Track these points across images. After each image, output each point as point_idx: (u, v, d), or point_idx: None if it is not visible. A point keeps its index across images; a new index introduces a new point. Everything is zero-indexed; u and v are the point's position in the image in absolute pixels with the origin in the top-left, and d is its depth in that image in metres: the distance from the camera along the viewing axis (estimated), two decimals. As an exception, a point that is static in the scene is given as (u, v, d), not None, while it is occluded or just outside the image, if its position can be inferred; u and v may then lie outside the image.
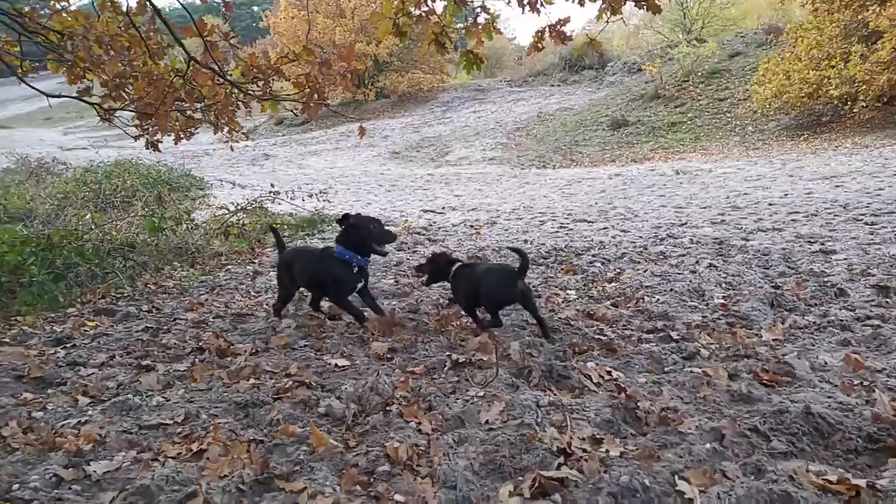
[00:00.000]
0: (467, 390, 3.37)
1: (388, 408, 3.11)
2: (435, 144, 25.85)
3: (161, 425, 3.03)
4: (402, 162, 23.77)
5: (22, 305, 5.78)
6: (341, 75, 6.31)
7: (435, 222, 10.33)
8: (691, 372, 3.55)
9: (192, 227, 9.00)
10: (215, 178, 18.49)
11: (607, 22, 5.13)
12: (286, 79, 6.26)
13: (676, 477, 2.43)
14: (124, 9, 6.42)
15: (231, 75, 6.21)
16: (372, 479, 2.48)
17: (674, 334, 4.22)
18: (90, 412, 3.18)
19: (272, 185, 10.78)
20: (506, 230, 9.31)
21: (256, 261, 7.64)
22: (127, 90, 7.25)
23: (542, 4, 5.59)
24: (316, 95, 6.12)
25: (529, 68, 38.50)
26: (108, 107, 7.49)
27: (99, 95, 7.62)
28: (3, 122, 37.89)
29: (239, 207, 9.91)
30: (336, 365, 3.80)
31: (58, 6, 7.86)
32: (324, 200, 11.46)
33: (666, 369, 3.68)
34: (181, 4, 5.91)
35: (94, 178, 14.48)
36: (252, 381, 3.57)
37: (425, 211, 11.89)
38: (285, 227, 9.75)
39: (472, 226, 9.65)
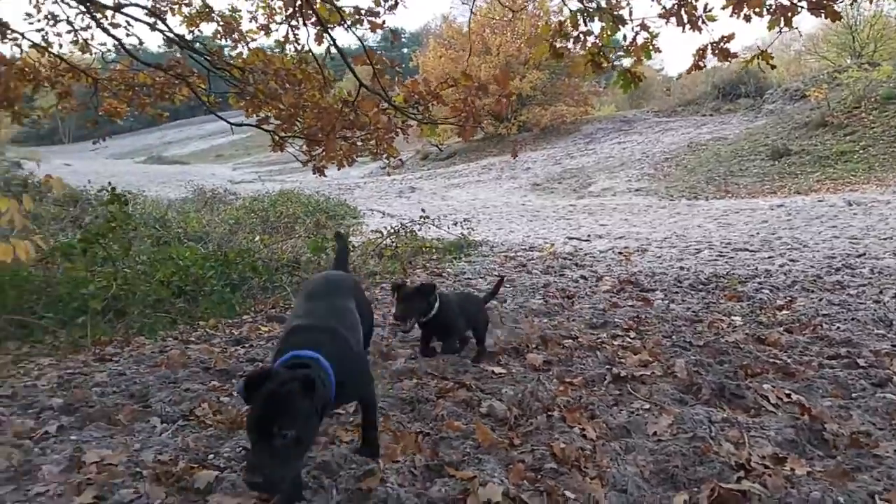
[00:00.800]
0: (631, 402, 3.27)
1: (549, 413, 3.09)
2: (577, 176, 25.63)
3: (334, 415, 3.21)
4: (544, 193, 23.77)
5: (204, 311, 6.40)
6: (496, 99, 6.49)
7: (581, 249, 10.19)
8: (884, 398, 3.21)
9: (350, 248, 9.56)
10: (366, 207, 19.49)
11: (780, 32, 4.88)
12: (444, 104, 6.53)
13: (877, 498, 2.20)
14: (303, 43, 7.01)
15: (394, 101, 6.57)
16: (539, 476, 2.46)
17: (860, 361, 3.84)
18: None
19: (423, 211, 11.18)
20: (658, 257, 8.99)
21: (408, 280, 7.92)
22: (299, 119, 7.89)
23: (703, 22, 5.44)
24: (472, 119, 6.34)
25: (679, 98, 37.24)
26: (281, 136, 8.20)
27: (273, 125, 8.36)
28: (183, 158, 42.52)
29: (391, 232, 10.38)
30: (493, 372, 3.83)
31: (238, 47, 8.75)
32: (468, 228, 11.73)
33: (853, 395, 3.35)
34: (357, 38, 6.36)
35: (261, 205, 15.84)
36: (415, 380, 3.69)
37: (570, 238, 11.77)
38: (433, 251, 10.08)
39: (620, 252, 9.42)
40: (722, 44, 5.56)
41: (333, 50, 6.59)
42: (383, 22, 6.65)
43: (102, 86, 8.77)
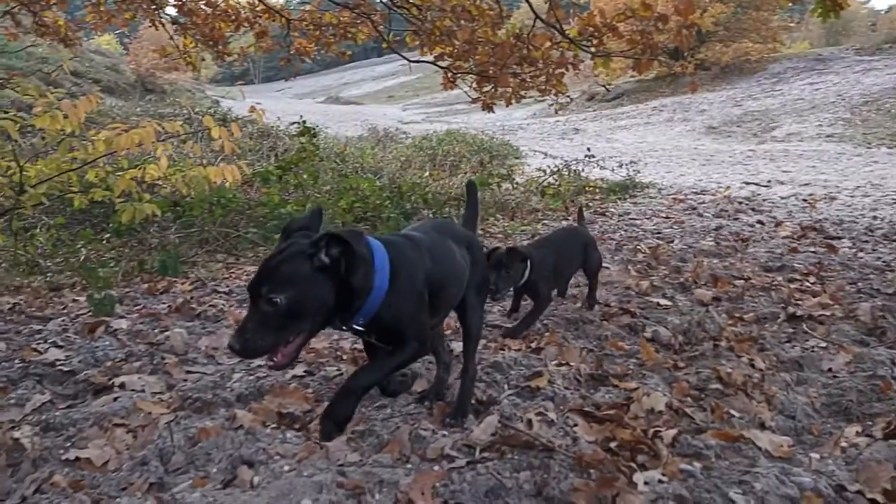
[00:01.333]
0: (806, 340, 3.19)
1: (716, 342, 3.11)
2: (759, 119, 23.62)
3: (503, 326, 3.46)
4: (720, 137, 22.23)
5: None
6: (677, 31, 6.22)
7: (759, 194, 9.57)
8: None
9: (513, 186, 9.76)
10: (529, 148, 19.47)
11: None
12: (620, 36, 6.37)
13: None
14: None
15: (568, 34, 6.51)
16: (704, 395, 2.54)
17: None
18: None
19: (588, 150, 11.03)
20: (847, 206, 8.25)
21: (570, 217, 7.97)
22: (472, 56, 8.04)
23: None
24: (649, 52, 6.13)
25: (886, 34, 32.64)
26: (455, 73, 8.42)
27: (447, 62, 8.60)
28: (357, 98, 44.66)
29: (554, 170, 10.40)
30: (658, 304, 3.87)
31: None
32: (634, 170, 11.40)
33: None
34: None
35: (429, 144, 16.43)
36: (578, 304, 3.85)
37: (747, 183, 11.06)
38: (597, 190, 9.99)
39: (805, 199, 8.74)
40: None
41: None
42: (561, -48, 6.55)
43: (294, 25, 9.47)
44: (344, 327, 2.07)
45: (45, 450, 2.14)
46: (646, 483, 1.87)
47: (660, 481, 1.88)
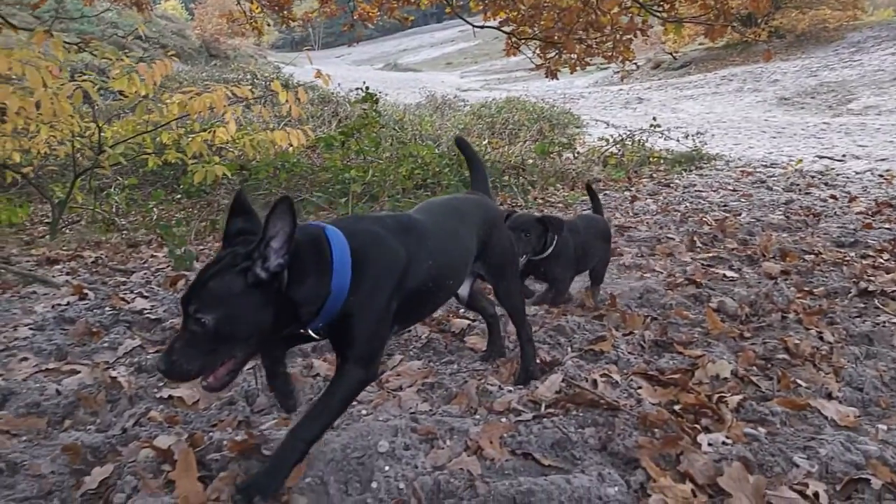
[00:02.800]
0: (877, 315, 3.12)
1: (784, 314, 3.07)
2: (836, 90, 22.49)
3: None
4: (792, 109, 21.30)
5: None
6: (753, -5, 5.99)
7: (832, 168, 9.20)
8: None
9: (574, 156, 9.66)
10: (590, 117, 19.13)
11: None
12: (693, 0, 6.18)
13: None
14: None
15: (639, -1, 6.37)
16: (770, 364, 2.53)
17: None
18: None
19: (653, 119, 10.78)
20: (929, 182, 7.86)
21: (633, 188, 7.87)
22: (537, 22, 7.93)
23: None
24: (723, 17, 5.94)
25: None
26: (519, 38, 8.33)
27: (511, 28, 8.50)
28: (415, 65, 44.52)
29: (617, 140, 10.23)
30: (724, 275, 3.83)
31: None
32: (700, 141, 11.09)
33: None
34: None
35: (488, 112, 16.33)
36: (641, 274, 3.85)
37: (820, 157, 10.63)
38: (661, 161, 9.79)
39: (881, 175, 8.37)
40: None
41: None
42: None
43: (358, -10, 9.50)
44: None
45: (140, 388, 2.32)
46: (710, 444, 1.91)
47: (724, 443, 1.91)
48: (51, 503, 1.69)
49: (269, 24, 12.33)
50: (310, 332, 1.74)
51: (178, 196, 7.91)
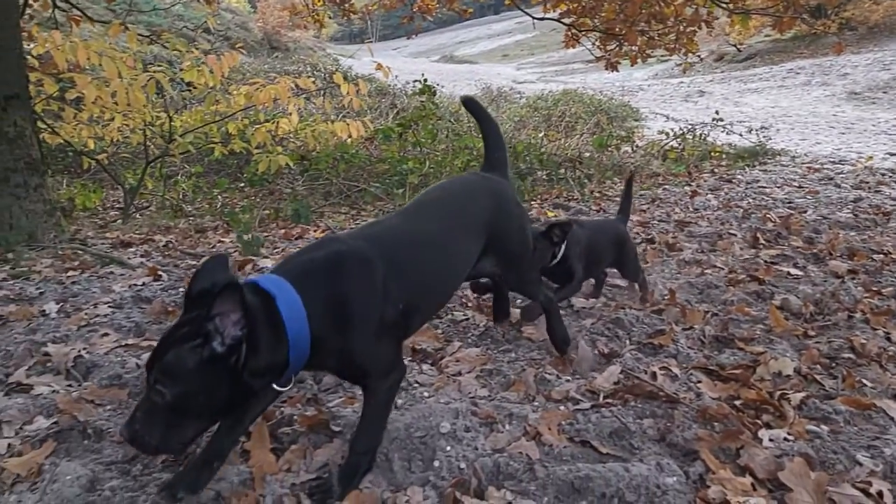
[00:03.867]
0: (954, 318, 3.01)
1: (851, 314, 3.00)
2: (911, 85, 21.43)
3: (622, 287, 3.50)
4: (863, 104, 20.40)
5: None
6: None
7: (906, 167, 8.82)
8: None
9: (632, 149, 9.53)
10: (649, 110, 18.79)
11: None
12: (761, -9, 6.03)
13: None
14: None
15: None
16: (835, 364, 2.49)
17: None
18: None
19: (716, 113, 10.52)
20: None
21: (693, 183, 7.72)
22: (598, 13, 7.85)
23: None
24: (792, 9, 5.77)
25: None
26: (579, 30, 8.25)
27: (571, 19, 8.43)
28: (471, 57, 44.46)
29: (677, 133, 10.04)
30: (788, 273, 3.75)
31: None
32: (764, 136, 10.76)
33: None
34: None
35: (544, 104, 16.21)
36: (701, 269, 3.80)
37: (892, 154, 10.19)
38: (723, 156, 9.57)
39: (960, 173, 7.97)
40: None
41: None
42: None
43: (419, -17, 9.57)
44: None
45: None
46: (771, 440, 1.90)
47: (785, 439, 1.90)
48: (134, 467, 1.81)
49: (329, 17, 12.53)
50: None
51: (242, 185, 8.16)
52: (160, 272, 3.68)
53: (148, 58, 11.38)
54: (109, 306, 3.10)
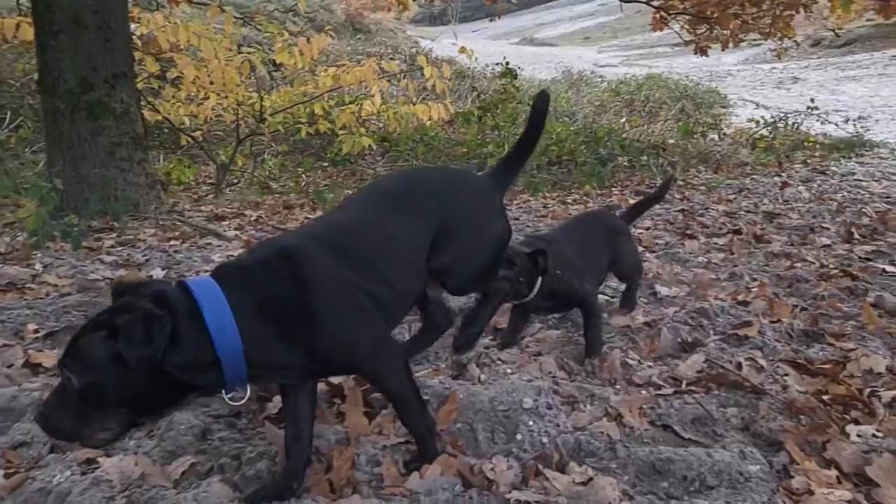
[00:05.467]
0: None
1: (954, 315, 2.86)
2: None
3: (708, 278, 3.45)
4: (978, 94, 18.95)
5: (576, 180, 7.00)
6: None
7: None
8: None
9: (720, 137, 9.24)
10: (738, 97, 18.08)
11: None
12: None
13: None
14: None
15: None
16: (934, 366, 2.40)
17: None
18: (647, 254, 3.84)
19: (811, 101, 10.04)
20: None
21: (784, 174, 7.43)
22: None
23: None
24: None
25: None
26: (669, 13, 8.03)
27: (660, 2, 8.20)
28: (552, 40, 43.75)
29: (768, 122, 9.65)
30: (884, 270, 3.60)
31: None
32: (863, 127, 10.19)
33: None
34: None
35: (627, 89, 15.86)
36: (791, 263, 3.70)
37: None
38: (817, 146, 9.15)
39: None
40: None
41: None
42: None
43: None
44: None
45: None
46: (859, 435, 1.87)
47: (874, 435, 1.87)
48: (240, 421, 1.97)
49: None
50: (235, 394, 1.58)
51: (325, 164, 8.42)
52: (254, 244, 3.89)
53: (238, 39, 11.83)
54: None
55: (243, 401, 1.63)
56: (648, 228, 4.62)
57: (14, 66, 8.32)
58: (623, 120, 10.80)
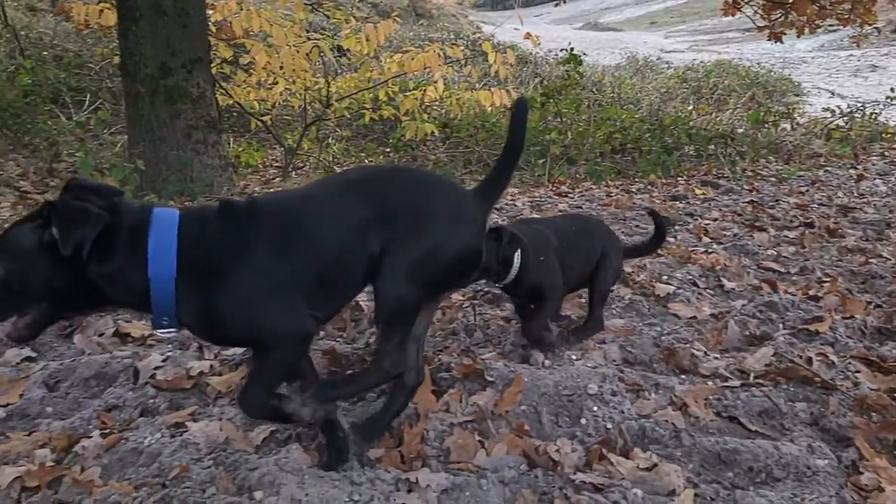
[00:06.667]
0: None
1: None
2: None
3: (777, 272, 3.38)
4: None
5: (640, 168, 6.89)
6: None
7: None
8: None
9: (792, 126, 8.92)
10: (812, 85, 17.37)
11: None
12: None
13: None
14: None
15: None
16: None
17: None
18: (714, 246, 3.77)
19: (891, 90, 9.56)
20: None
21: (860, 166, 7.13)
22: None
23: None
24: None
25: None
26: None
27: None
28: (616, 24, 42.81)
29: (844, 111, 9.26)
30: (968, 269, 3.45)
31: None
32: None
33: None
34: None
35: (694, 76, 15.42)
36: (865, 258, 3.59)
37: None
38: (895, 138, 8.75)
39: None
40: None
41: None
42: None
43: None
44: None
45: (375, 312, 2.68)
46: (934, 436, 1.83)
47: (950, 436, 1.83)
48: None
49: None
50: (162, 331, 1.60)
51: (387, 150, 8.52)
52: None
53: (305, 25, 12.05)
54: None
55: (172, 333, 1.66)
56: (716, 219, 4.52)
57: (93, 51, 8.68)
58: (690, 108, 10.53)
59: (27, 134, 6.39)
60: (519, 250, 2.19)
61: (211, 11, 6.67)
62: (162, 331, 1.62)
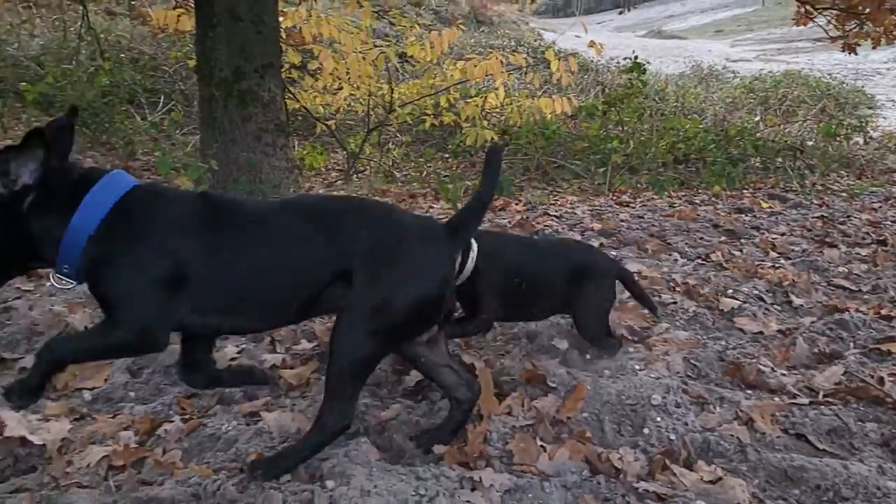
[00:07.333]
0: None
1: None
2: None
3: (848, 289, 3.29)
4: None
5: (704, 179, 6.77)
6: None
7: None
8: None
9: (865, 140, 8.61)
10: (887, 98, 16.67)
11: None
12: None
13: None
14: None
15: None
16: None
17: None
18: (782, 261, 3.69)
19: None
20: None
21: None
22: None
23: None
24: None
25: None
26: (815, 7, 7.56)
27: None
28: (681, 32, 41.96)
29: (924, 125, 8.88)
30: None
31: None
32: None
33: None
34: None
35: (762, 86, 15.02)
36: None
37: None
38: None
39: None
40: None
41: None
42: None
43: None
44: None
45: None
46: None
47: None
48: (381, 391, 2.14)
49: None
50: (59, 277, 1.60)
51: (446, 156, 8.61)
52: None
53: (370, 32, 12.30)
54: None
55: (69, 287, 1.69)
56: (783, 234, 4.43)
57: (168, 54, 9.06)
58: (757, 119, 10.27)
59: (105, 133, 6.74)
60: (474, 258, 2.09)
61: (282, 18, 6.90)
62: (59, 282, 1.62)
